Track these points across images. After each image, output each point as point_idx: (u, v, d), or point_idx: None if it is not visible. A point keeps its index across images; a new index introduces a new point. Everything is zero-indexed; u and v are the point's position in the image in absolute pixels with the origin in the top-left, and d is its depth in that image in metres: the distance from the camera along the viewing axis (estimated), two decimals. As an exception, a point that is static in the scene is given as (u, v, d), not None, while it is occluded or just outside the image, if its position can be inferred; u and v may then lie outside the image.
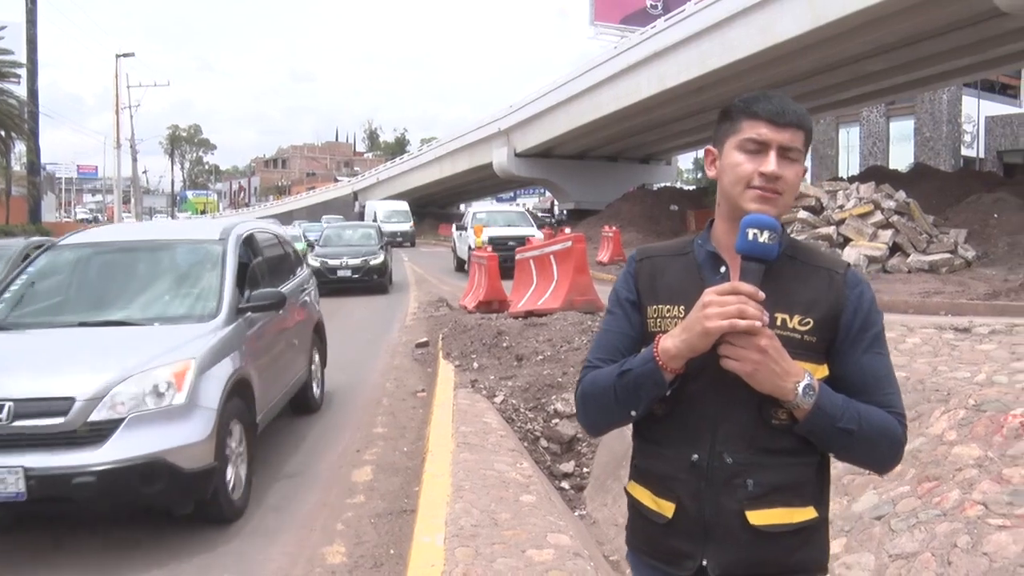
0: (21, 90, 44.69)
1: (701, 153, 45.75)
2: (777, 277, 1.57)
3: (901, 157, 32.92)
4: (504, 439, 6.06)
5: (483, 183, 50.77)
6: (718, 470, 1.57)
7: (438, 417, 6.60)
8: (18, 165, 52.38)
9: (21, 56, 43.93)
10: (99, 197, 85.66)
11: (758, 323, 1.47)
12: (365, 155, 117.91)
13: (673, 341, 1.55)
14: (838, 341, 1.60)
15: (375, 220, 42.75)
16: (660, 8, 36.79)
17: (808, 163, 37.96)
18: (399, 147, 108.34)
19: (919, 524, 3.61)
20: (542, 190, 53.81)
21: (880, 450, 1.59)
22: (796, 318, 1.57)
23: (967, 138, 33.81)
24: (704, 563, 1.59)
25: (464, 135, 44.14)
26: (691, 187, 49.71)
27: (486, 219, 22.83)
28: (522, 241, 17.92)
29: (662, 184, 41.06)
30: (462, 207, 73.63)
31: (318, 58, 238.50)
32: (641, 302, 1.72)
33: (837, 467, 4.48)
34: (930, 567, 3.36)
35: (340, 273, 18.08)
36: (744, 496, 1.56)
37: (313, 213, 63.22)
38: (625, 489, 1.79)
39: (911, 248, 14.26)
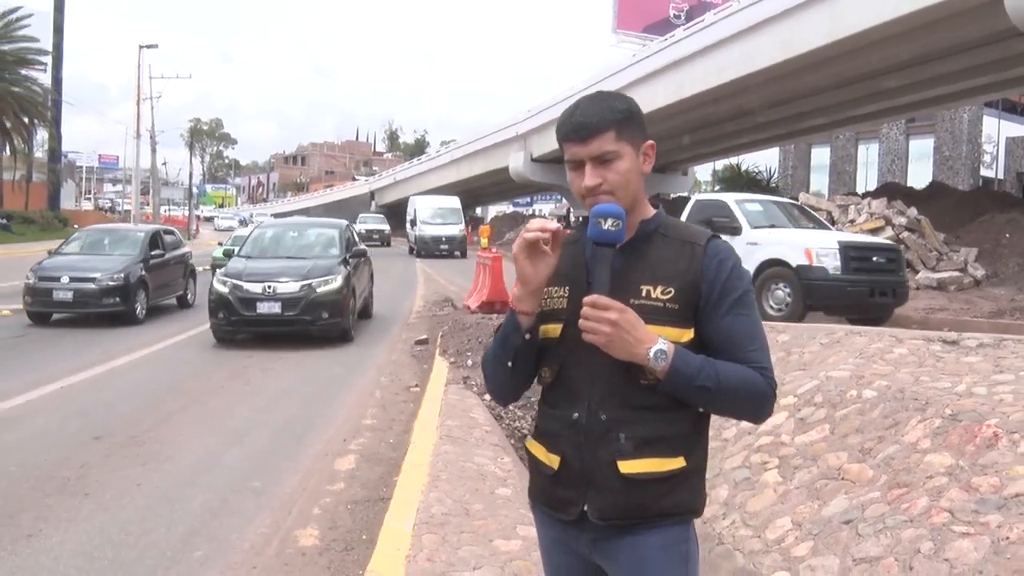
0: (46, 78, 45.39)
1: (718, 164, 45.61)
2: (647, 253, 1.78)
3: (920, 175, 32.71)
4: (489, 434, 6.09)
5: (499, 187, 50.83)
6: (595, 426, 1.74)
7: (426, 411, 6.64)
8: (40, 152, 53.06)
9: (47, 43, 44.51)
10: (119, 187, 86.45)
11: (544, 234, 1.70)
12: (385, 155, 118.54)
13: (515, 285, 1.79)
14: (701, 306, 1.75)
15: (414, 222, 36.74)
16: (683, 18, 36.82)
17: (825, 178, 38.00)
18: (419, 148, 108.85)
19: (885, 529, 3.60)
20: (558, 196, 53.73)
21: (743, 403, 1.75)
22: (659, 288, 1.74)
23: (987, 158, 33.61)
24: (584, 508, 1.76)
25: (482, 138, 44.20)
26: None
27: (764, 214, 12.02)
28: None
29: (679, 194, 40.92)
30: (479, 210, 73.71)
31: (340, 56, 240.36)
32: None
33: (812, 472, 4.49)
34: (892, 572, 3.36)
35: (262, 308, 10.59)
36: (616, 449, 1.72)
37: (330, 211, 63.43)
38: (524, 445, 1.97)
39: (920, 265, 14.20)
